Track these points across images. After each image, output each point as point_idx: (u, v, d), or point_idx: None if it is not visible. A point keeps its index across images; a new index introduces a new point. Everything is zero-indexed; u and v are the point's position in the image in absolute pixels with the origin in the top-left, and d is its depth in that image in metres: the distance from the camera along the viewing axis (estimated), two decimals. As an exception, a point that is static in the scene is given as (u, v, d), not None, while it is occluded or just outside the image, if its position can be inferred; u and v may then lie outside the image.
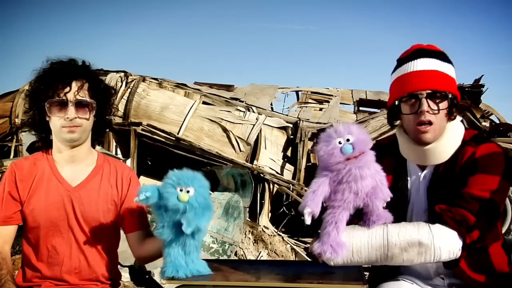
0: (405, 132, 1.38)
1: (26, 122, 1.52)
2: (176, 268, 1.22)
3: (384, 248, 1.20)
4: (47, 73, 1.44)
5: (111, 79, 6.03)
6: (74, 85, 1.41)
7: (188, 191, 1.18)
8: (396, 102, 1.35)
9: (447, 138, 1.32)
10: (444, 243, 1.19)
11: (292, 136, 6.08)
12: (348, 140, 1.18)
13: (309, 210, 1.18)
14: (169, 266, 1.23)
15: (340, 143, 1.18)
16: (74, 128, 1.42)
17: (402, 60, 1.36)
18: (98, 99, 1.47)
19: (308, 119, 6.31)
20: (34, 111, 1.46)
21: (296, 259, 4.76)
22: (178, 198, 1.17)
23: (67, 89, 1.40)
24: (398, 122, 1.43)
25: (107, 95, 1.54)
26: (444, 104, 1.30)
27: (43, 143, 1.52)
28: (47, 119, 1.44)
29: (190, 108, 5.95)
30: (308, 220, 1.18)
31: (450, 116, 1.33)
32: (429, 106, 1.28)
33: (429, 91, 1.28)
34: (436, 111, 1.29)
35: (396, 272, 1.41)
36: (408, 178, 1.40)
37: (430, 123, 1.29)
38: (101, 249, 1.49)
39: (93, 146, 1.56)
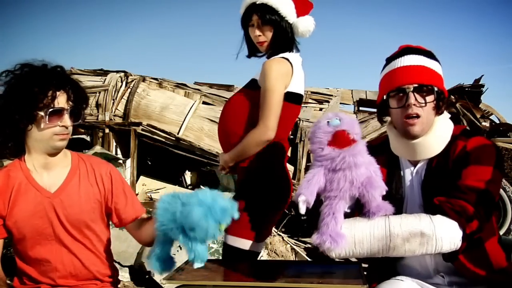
0: (395, 128, 1.40)
1: None
2: (161, 266, 1.26)
3: (387, 239, 1.21)
4: (37, 80, 1.39)
5: (111, 79, 6.03)
6: (68, 93, 1.41)
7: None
8: (384, 97, 1.38)
9: (436, 132, 1.35)
10: (445, 233, 1.20)
11: (292, 136, 6.08)
12: (336, 118, 1.25)
13: (303, 198, 1.19)
14: (154, 260, 1.27)
15: (328, 121, 1.25)
16: (66, 136, 1.42)
17: (390, 59, 1.40)
18: (83, 107, 1.47)
19: (308, 119, 6.31)
20: (17, 117, 1.37)
21: (296, 259, 4.76)
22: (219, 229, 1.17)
23: (63, 97, 1.40)
24: (387, 119, 1.46)
25: (87, 103, 1.53)
26: (430, 98, 1.33)
27: (11, 151, 1.46)
28: (29, 128, 1.39)
29: (190, 108, 5.95)
30: (302, 209, 1.19)
31: (437, 111, 1.36)
32: (416, 99, 1.31)
33: (416, 85, 1.32)
34: (423, 104, 1.32)
35: (394, 272, 1.41)
36: (401, 174, 1.41)
37: (417, 116, 1.32)
38: (93, 248, 1.49)
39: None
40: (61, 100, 1.40)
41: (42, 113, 1.37)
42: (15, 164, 1.46)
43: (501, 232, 4.71)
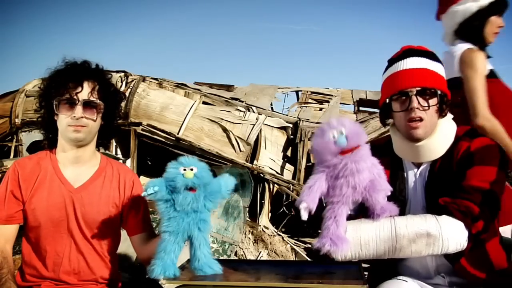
0: (398, 130, 1.40)
1: (36, 120, 1.53)
2: (165, 268, 1.20)
3: (393, 240, 1.21)
4: (59, 72, 1.46)
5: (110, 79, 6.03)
6: (85, 86, 1.43)
7: (191, 169, 1.23)
8: (387, 100, 1.38)
9: (439, 134, 1.35)
10: (451, 234, 1.20)
11: (292, 136, 6.08)
12: (341, 133, 1.18)
13: (305, 205, 1.18)
14: (158, 264, 1.21)
15: (334, 136, 1.19)
16: (79, 128, 1.42)
17: (393, 60, 1.40)
18: (107, 102, 1.48)
19: (308, 119, 6.32)
20: (44, 109, 1.48)
21: (296, 259, 4.76)
22: (184, 176, 1.21)
23: (77, 88, 1.42)
24: (390, 121, 1.46)
25: (116, 99, 1.55)
26: (433, 101, 1.33)
27: (48, 143, 1.52)
28: (55, 118, 1.45)
29: (190, 108, 5.95)
30: (304, 216, 1.18)
31: (441, 113, 1.36)
32: (419, 103, 1.31)
33: (419, 88, 1.32)
34: (426, 108, 1.32)
35: (395, 272, 1.41)
36: (405, 176, 1.41)
37: (420, 119, 1.32)
38: (101, 251, 1.49)
39: (97, 149, 1.57)
40: (73, 92, 1.42)
41: (55, 103, 1.42)
42: (46, 154, 1.51)
43: (501, 232, 4.70)
